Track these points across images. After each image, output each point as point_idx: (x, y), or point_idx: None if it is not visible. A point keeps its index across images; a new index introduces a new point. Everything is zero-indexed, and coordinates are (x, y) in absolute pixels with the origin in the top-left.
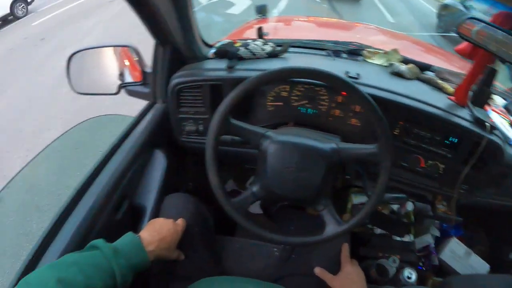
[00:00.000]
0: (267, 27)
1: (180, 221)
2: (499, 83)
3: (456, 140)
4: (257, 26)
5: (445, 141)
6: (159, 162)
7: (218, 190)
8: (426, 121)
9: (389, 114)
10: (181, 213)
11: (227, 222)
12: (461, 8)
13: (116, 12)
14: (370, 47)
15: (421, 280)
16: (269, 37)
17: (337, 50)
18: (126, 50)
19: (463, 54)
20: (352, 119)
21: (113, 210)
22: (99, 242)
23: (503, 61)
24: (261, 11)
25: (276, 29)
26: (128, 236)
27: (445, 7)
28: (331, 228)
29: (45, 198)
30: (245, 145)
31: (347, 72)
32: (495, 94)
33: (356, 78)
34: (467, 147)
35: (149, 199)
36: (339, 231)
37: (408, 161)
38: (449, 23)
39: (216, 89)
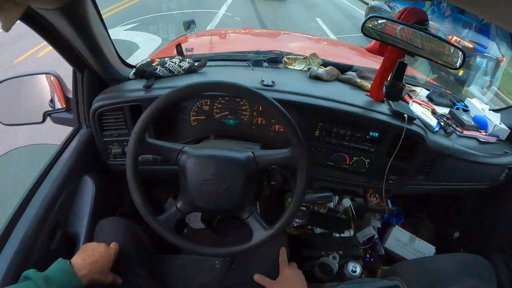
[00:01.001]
0: (194, 42)
1: (113, 245)
2: (422, 74)
3: (377, 134)
4: (184, 42)
5: (367, 137)
6: (88, 188)
7: (142, 209)
8: (344, 119)
9: (307, 116)
10: (114, 237)
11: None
12: (387, 8)
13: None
14: (290, 53)
15: (370, 271)
16: (195, 52)
17: (258, 60)
18: (53, 77)
19: (373, 52)
20: (275, 125)
21: (46, 240)
22: (30, 272)
23: (411, 54)
24: (188, 27)
25: (203, 43)
26: (59, 263)
27: (371, 8)
28: (258, 234)
29: None
30: (167, 163)
31: (262, 81)
32: (417, 86)
33: (271, 86)
34: (389, 139)
35: (82, 226)
36: (266, 237)
37: (333, 160)
38: None
39: (136, 110)
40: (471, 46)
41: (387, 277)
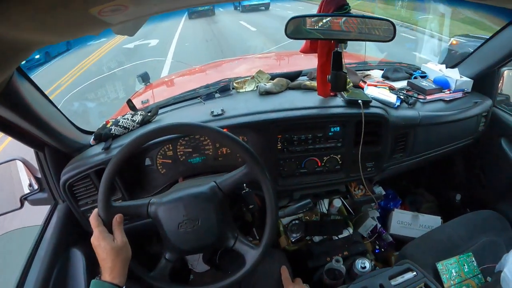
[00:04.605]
0: (148, 94)
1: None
2: (373, 56)
3: (338, 128)
4: (141, 95)
5: (329, 134)
6: (78, 260)
7: (136, 270)
8: (301, 124)
9: (264, 133)
10: None
11: None
12: None
13: None
14: (238, 78)
15: (384, 261)
16: (151, 102)
17: (209, 93)
18: (18, 162)
19: (307, 51)
20: None
21: None
22: None
23: (343, 41)
24: (143, 79)
25: (156, 93)
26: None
27: None
28: (250, 255)
29: None
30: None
31: (212, 112)
32: (370, 69)
33: (220, 115)
34: (351, 129)
35: None
36: (259, 255)
37: (305, 167)
38: None
39: (102, 174)
40: None
41: (397, 263)
